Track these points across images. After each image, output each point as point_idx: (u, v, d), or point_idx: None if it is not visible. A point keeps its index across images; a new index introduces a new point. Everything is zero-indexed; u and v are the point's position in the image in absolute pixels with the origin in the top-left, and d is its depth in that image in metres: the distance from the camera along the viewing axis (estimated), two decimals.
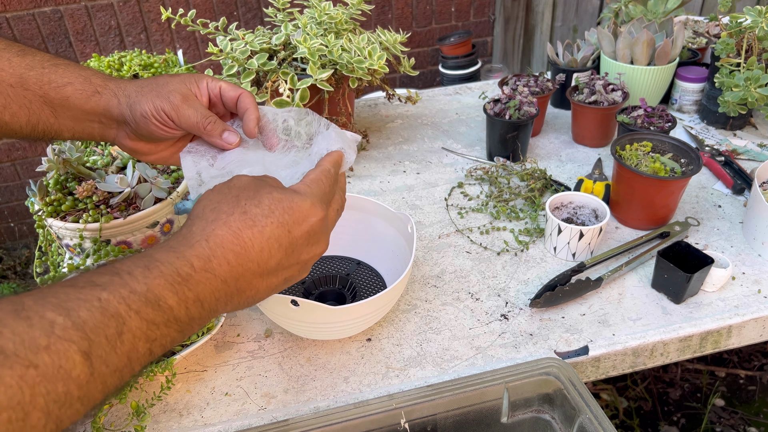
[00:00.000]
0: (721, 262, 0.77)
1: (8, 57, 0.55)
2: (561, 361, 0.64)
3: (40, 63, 0.57)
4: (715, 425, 1.48)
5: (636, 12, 1.19)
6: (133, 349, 0.37)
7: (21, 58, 0.56)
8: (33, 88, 0.56)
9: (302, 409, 0.65)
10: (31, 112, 0.57)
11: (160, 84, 0.57)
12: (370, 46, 0.99)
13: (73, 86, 0.57)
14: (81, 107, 0.57)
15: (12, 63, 0.55)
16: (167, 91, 0.57)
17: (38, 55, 0.57)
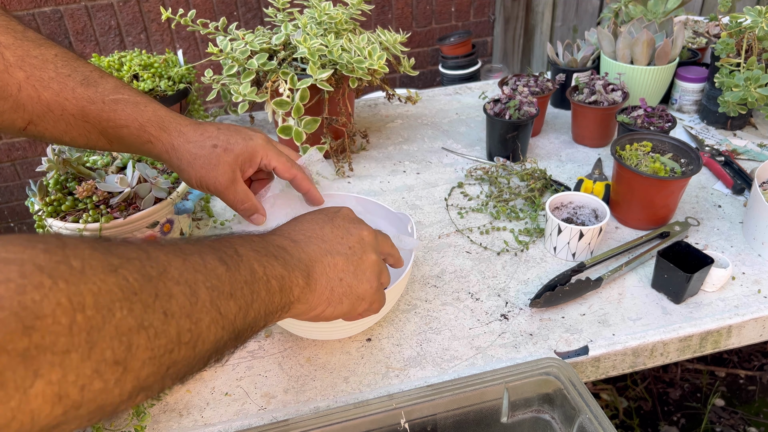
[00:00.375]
0: (721, 262, 0.77)
1: (73, 87, 0.57)
2: (561, 361, 0.64)
3: (101, 97, 0.58)
4: (715, 425, 1.48)
5: (636, 12, 1.19)
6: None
7: (84, 89, 0.58)
8: (92, 121, 0.59)
9: (302, 409, 0.65)
10: (89, 138, 0.61)
11: (212, 162, 0.60)
12: (370, 46, 0.99)
13: (128, 130, 0.60)
14: (135, 147, 0.62)
15: (75, 94, 0.57)
16: (216, 174, 0.61)
17: (101, 86, 0.59)
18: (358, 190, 1.03)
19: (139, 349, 0.32)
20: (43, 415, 0.27)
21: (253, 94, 0.96)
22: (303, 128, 0.95)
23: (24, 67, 0.56)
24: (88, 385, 0.29)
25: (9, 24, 0.56)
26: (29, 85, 0.56)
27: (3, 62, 0.54)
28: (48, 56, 0.57)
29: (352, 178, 1.06)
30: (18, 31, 0.56)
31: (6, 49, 0.55)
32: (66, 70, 0.58)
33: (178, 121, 0.61)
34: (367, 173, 1.08)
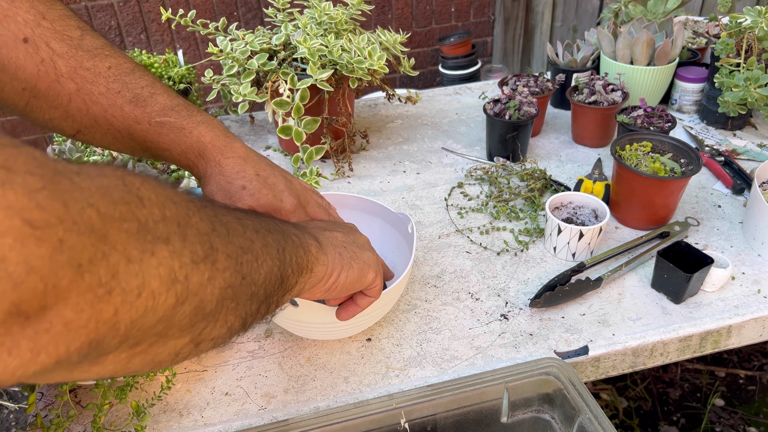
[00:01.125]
0: (720, 262, 0.77)
1: (121, 104, 0.58)
2: (561, 361, 0.64)
3: (148, 118, 0.59)
4: (714, 425, 1.49)
5: (636, 12, 1.19)
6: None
7: (132, 108, 0.58)
8: (137, 140, 0.60)
9: (302, 409, 0.65)
10: (134, 151, 0.62)
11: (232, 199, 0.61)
12: (370, 47, 0.99)
13: (170, 154, 0.61)
14: (178, 165, 0.63)
15: (123, 112, 0.58)
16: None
17: (149, 107, 0.59)
18: (358, 190, 1.03)
19: (218, 249, 0.34)
20: (161, 301, 0.29)
21: (253, 94, 0.96)
22: (303, 128, 0.95)
23: (75, 79, 0.55)
24: (190, 275, 0.31)
25: (66, 30, 0.55)
26: (79, 97, 0.56)
27: (55, 72, 0.54)
28: (100, 69, 0.57)
29: (352, 178, 1.06)
30: (74, 38, 0.55)
31: (59, 58, 0.54)
32: (116, 86, 0.57)
33: (221, 151, 0.61)
34: (367, 173, 1.08)
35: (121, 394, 0.62)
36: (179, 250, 0.31)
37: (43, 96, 0.54)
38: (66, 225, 0.24)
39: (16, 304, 0.22)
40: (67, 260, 0.24)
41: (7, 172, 0.22)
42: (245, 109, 1.02)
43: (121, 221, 0.27)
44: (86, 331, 0.26)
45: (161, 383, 0.65)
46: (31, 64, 0.53)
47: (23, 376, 0.24)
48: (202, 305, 0.33)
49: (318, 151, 0.97)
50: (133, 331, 0.28)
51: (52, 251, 0.23)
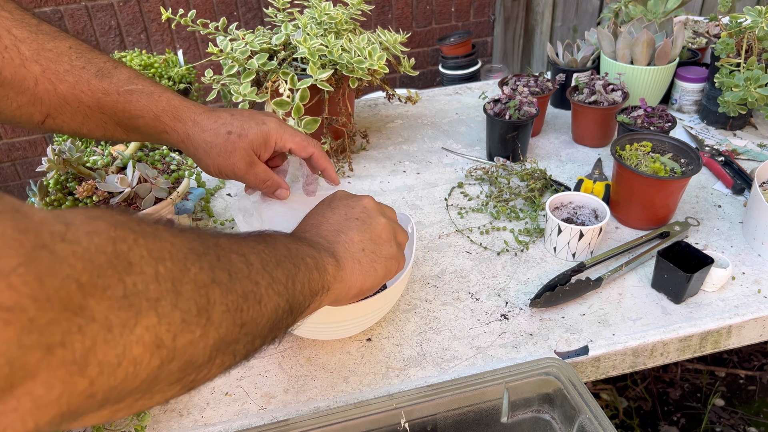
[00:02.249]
0: (721, 262, 0.77)
1: (87, 78, 0.58)
2: (561, 361, 0.64)
3: (116, 88, 0.59)
4: (715, 425, 1.49)
5: (636, 12, 1.19)
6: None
7: (99, 81, 0.59)
8: (108, 112, 0.60)
9: (302, 409, 0.65)
10: (105, 129, 0.62)
11: (228, 150, 0.62)
12: (370, 47, 0.99)
13: (143, 120, 0.61)
14: (150, 137, 0.63)
15: (90, 86, 0.58)
16: (233, 160, 0.62)
17: (115, 77, 0.60)
18: (358, 190, 1.03)
19: (215, 302, 0.34)
20: (144, 365, 0.28)
21: (254, 94, 0.96)
22: (303, 128, 0.95)
23: (40, 61, 0.56)
24: (179, 335, 0.30)
25: (24, 18, 0.56)
26: (45, 78, 0.57)
27: (19, 56, 0.55)
28: (62, 49, 0.57)
29: (352, 178, 1.06)
30: (32, 24, 0.57)
31: (21, 43, 0.55)
32: (80, 62, 0.58)
33: (192, 109, 0.62)
34: (367, 173, 1.08)
35: None
36: (169, 313, 0.30)
37: (8, 83, 0.55)
38: (39, 303, 0.23)
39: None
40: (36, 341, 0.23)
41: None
42: None
43: (104, 290, 0.26)
44: (58, 405, 0.25)
45: None
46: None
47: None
48: (192, 360, 0.32)
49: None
50: (112, 395, 0.28)
51: (20, 333, 0.22)
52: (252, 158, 0.64)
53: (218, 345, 0.34)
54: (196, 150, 0.63)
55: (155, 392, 0.31)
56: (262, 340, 0.40)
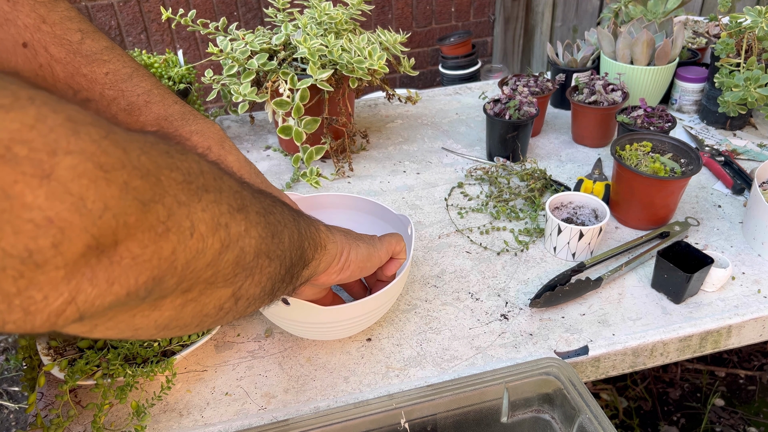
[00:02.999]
0: (720, 262, 0.77)
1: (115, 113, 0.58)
2: (561, 361, 0.64)
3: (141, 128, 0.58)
4: (714, 425, 1.49)
5: (636, 12, 1.19)
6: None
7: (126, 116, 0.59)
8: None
9: (302, 409, 0.65)
10: None
11: None
12: (370, 47, 0.99)
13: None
14: None
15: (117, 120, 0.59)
16: None
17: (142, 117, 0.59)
18: (358, 190, 1.03)
19: (249, 205, 0.37)
20: (208, 245, 0.32)
21: (253, 94, 0.96)
22: (303, 128, 0.95)
23: (72, 85, 0.56)
24: (230, 223, 0.34)
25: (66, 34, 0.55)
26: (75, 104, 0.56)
27: (52, 77, 0.55)
28: (97, 76, 0.56)
29: (352, 178, 1.06)
30: (73, 42, 0.55)
31: (57, 64, 0.54)
32: (111, 93, 0.57)
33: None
34: (367, 173, 1.08)
35: (121, 394, 0.62)
36: (218, 199, 0.33)
37: None
38: (128, 169, 0.26)
39: (95, 238, 0.25)
40: (132, 199, 0.26)
41: (75, 124, 0.25)
42: (245, 109, 1.02)
43: (169, 169, 0.30)
44: (150, 266, 0.28)
45: (161, 383, 0.65)
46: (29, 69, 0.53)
47: (101, 306, 0.27)
48: (243, 254, 0.36)
49: (318, 151, 0.97)
50: (187, 273, 0.31)
51: (120, 191, 0.26)
52: None
53: (259, 245, 0.38)
54: None
55: (215, 286, 0.35)
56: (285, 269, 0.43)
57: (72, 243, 0.24)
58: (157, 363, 0.63)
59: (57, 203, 0.23)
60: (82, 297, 0.25)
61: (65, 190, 0.23)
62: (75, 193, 0.24)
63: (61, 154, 0.23)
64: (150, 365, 0.62)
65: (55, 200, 0.23)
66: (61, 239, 0.23)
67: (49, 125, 0.23)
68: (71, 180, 0.24)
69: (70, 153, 0.24)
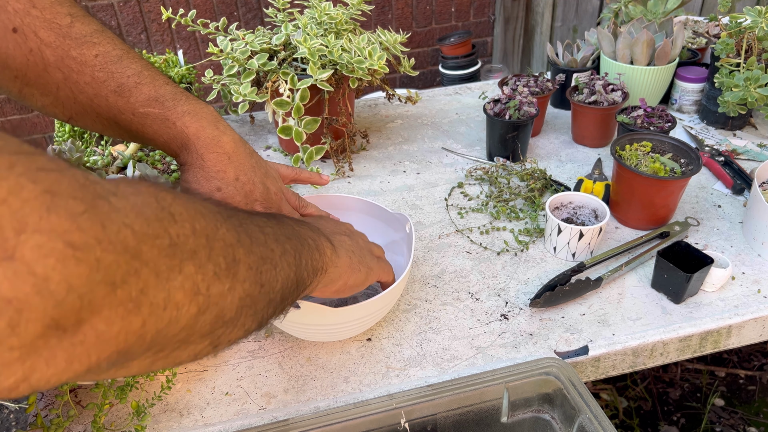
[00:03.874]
0: (720, 262, 0.77)
1: (106, 95, 0.57)
2: (561, 360, 0.64)
3: (132, 109, 0.58)
4: (714, 425, 1.49)
5: (636, 12, 1.19)
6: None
7: (116, 98, 0.58)
8: (124, 128, 0.60)
9: (302, 408, 0.65)
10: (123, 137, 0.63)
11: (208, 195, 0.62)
12: (370, 47, 0.99)
13: (155, 143, 0.61)
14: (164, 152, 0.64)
15: (108, 102, 0.58)
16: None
17: (132, 97, 0.58)
18: (358, 190, 1.03)
19: (241, 260, 0.37)
20: (184, 311, 0.31)
21: (254, 94, 0.96)
22: (303, 128, 0.95)
23: (62, 69, 0.55)
24: (212, 285, 0.33)
25: (55, 18, 0.54)
26: (66, 86, 0.56)
27: (42, 61, 0.54)
28: (87, 58, 0.56)
29: (352, 178, 1.06)
30: (63, 26, 0.55)
31: (47, 48, 0.54)
32: (102, 75, 0.57)
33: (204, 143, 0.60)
34: (367, 173, 1.08)
35: (121, 394, 0.62)
36: (204, 264, 0.33)
37: (33, 84, 0.55)
38: (103, 245, 0.26)
39: (55, 319, 0.24)
40: (102, 278, 0.26)
41: (52, 197, 0.24)
42: (245, 109, 1.02)
43: (154, 238, 0.29)
44: (116, 342, 0.27)
45: (161, 383, 0.65)
46: (20, 54, 0.53)
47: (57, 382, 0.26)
48: (222, 313, 0.35)
49: (318, 151, 0.97)
50: (158, 339, 0.30)
51: (89, 270, 0.25)
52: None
53: (243, 300, 0.37)
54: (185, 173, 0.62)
55: (190, 343, 0.34)
56: (274, 307, 0.42)
57: (29, 324, 0.23)
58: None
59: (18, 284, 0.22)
60: (37, 376, 0.25)
61: (28, 271, 0.23)
62: (38, 274, 0.23)
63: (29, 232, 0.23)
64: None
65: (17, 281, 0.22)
66: (18, 320, 0.23)
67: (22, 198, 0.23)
68: (36, 260, 0.23)
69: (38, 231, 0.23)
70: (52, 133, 2.20)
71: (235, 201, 0.60)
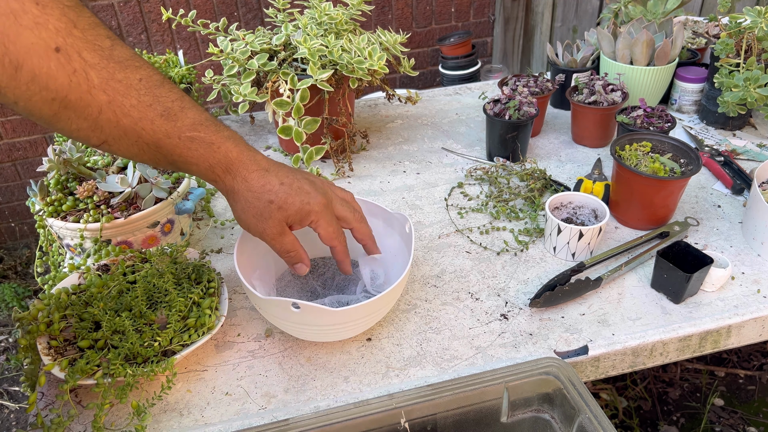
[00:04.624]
0: (720, 262, 0.77)
1: (152, 118, 0.58)
2: (561, 360, 0.64)
3: (178, 133, 0.59)
4: (714, 425, 1.49)
5: (635, 12, 1.19)
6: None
7: (163, 122, 0.58)
8: (165, 153, 0.60)
9: (302, 408, 0.65)
10: (157, 163, 0.63)
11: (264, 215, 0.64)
12: (370, 47, 0.99)
13: (197, 168, 0.62)
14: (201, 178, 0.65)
15: (154, 125, 0.58)
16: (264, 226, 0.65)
17: (180, 121, 0.59)
18: (358, 190, 1.03)
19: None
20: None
21: (254, 95, 0.96)
22: (303, 128, 0.95)
23: (107, 91, 0.55)
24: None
25: (96, 39, 0.54)
26: (110, 109, 0.55)
27: (87, 83, 0.53)
28: (132, 81, 0.56)
29: (352, 178, 1.07)
30: (105, 48, 0.55)
31: (91, 69, 0.53)
32: (148, 99, 0.57)
33: (246, 165, 0.63)
34: (367, 173, 1.08)
35: (121, 394, 0.62)
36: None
37: (72, 107, 0.53)
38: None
39: None
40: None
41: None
42: (245, 109, 1.02)
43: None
44: None
45: (161, 383, 0.65)
46: (62, 75, 0.51)
47: None
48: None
49: (318, 151, 0.97)
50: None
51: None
52: (284, 229, 0.65)
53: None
54: (235, 204, 0.64)
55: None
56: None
57: None
58: (158, 363, 0.63)
59: None
60: None
61: None
62: None
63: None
64: (150, 365, 0.63)
65: None
66: None
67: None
68: None
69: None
70: (52, 133, 2.20)
71: (291, 203, 0.64)
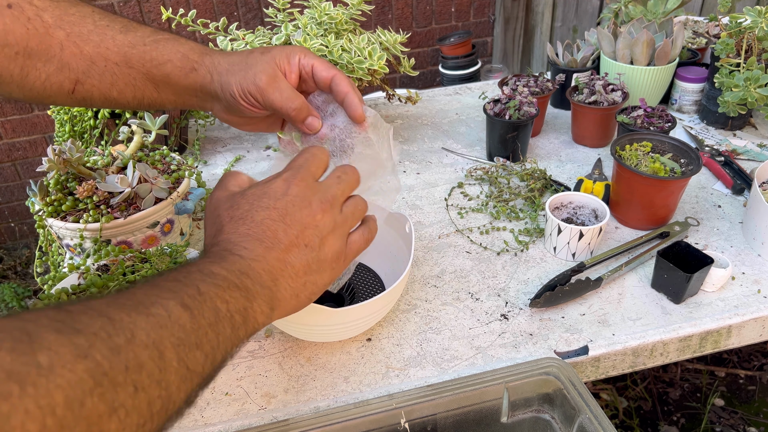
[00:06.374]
0: (720, 262, 0.77)
1: (112, 35, 0.59)
2: (561, 361, 0.64)
3: (142, 40, 0.59)
4: (714, 425, 1.49)
5: (636, 12, 1.19)
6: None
7: (124, 36, 0.59)
8: (136, 66, 0.59)
9: (302, 408, 0.65)
10: (136, 88, 0.61)
11: (249, 63, 0.59)
12: (370, 47, 0.99)
13: (172, 63, 0.60)
14: (180, 83, 0.61)
15: (116, 41, 0.58)
16: (255, 72, 0.58)
17: (140, 31, 0.60)
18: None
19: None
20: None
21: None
22: None
23: (63, 26, 0.57)
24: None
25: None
26: (70, 42, 0.57)
27: (42, 25, 0.56)
28: (85, 12, 0.58)
29: None
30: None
31: (44, 12, 0.56)
32: (104, 22, 0.59)
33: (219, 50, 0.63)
34: None
35: None
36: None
37: (35, 53, 0.56)
38: None
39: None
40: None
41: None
42: None
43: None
44: None
45: None
46: (19, 26, 0.55)
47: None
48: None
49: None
50: None
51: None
52: (275, 71, 0.58)
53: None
54: (219, 75, 0.59)
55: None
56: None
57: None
58: None
59: None
60: None
61: None
62: None
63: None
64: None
65: None
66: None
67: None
68: None
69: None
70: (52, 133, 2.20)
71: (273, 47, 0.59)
